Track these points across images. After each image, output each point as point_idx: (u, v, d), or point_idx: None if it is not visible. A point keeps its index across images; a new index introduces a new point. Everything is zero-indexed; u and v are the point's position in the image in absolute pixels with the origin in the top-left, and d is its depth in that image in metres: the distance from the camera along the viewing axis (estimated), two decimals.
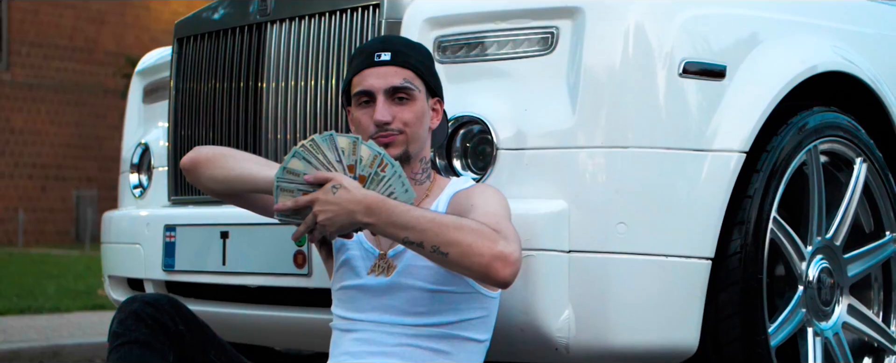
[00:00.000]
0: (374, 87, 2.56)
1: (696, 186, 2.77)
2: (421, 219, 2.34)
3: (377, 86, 2.55)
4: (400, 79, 2.55)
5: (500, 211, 2.47)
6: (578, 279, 2.69)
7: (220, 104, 3.32)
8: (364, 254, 2.59)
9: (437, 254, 2.33)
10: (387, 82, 2.55)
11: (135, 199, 3.82)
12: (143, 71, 3.98)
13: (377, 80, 2.55)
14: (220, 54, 3.33)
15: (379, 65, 2.55)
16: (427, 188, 2.63)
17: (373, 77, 2.55)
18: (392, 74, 2.55)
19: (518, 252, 2.35)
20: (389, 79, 2.55)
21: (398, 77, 2.55)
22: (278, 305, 3.15)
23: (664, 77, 2.76)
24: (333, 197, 2.36)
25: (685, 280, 2.76)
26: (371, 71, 2.56)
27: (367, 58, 2.57)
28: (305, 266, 2.97)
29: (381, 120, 2.53)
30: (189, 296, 3.40)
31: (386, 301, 2.54)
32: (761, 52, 2.94)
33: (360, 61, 2.59)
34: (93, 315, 6.97)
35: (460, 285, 2.52)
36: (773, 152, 2.94)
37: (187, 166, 2.67)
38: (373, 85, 2.56)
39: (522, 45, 2.82)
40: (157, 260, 3.37)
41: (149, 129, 3.88)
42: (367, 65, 2.57)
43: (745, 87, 2.87)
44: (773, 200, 2.92)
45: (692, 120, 2.79)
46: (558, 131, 2.75)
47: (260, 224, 2.94)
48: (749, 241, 2.86)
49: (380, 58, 2.55)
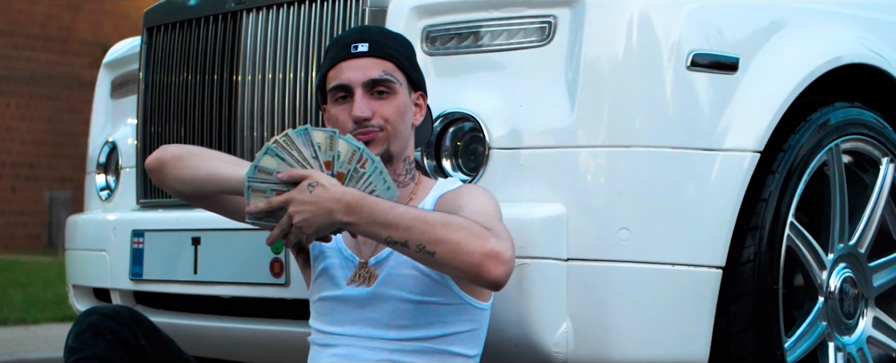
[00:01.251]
0: (351, 80, 2.56)
1: (706, 189, 2.77)
2: (405, 216, 2.34)
3: (354, 79, 2.55)
4: (379, 71, 2.55)
5: (491, 210, 2.48)
6: (577, 289, 2.69)
7: (193, 98, 3.32)
8: (343, 262, 2.59)
9: (424, 253, 2.33)
10: (365, 75, 2.55)
11: (101, 202, 3.83)
12: (111, 63, 3.99)
13: (354, 73, 2.55)
14: (193, 45, 3.34)
15: (356, 57, 2.55)
16: (411, 190, 2.63)
17: (349, 70, 2.55)
18: (370, 67, 2.55)
19: (511, 251, 2.35)
20: (367, 71, 2.55)
21: (377, 69, 2.55)
22: (253, 317, 3.15)
23: (671, 70, 2.76)
24: (310, 196, 2.36)
25: (694, 290, 2.76)
26: (347, 63, 2.56)
27: (343, 49, 2.57)
28: (283, 275, 2.97)
29: (360, 115, 2.53)
30: (159, 308, 3.41)
31: (367, 313, 2.54)
32: (778, 43, 2.94)
33: (335, 54, 2.59)
34: (62, 327, 6.98)
35: (447, 296, 2.52)
36: (790, 152, 2.94)
37: (152, 167, 2.67)
38: (350, 79, 2.56)
39: (517, 35, 2.82)
40: (124, 268, 3.38)
41: (117, 127, 3.89)
42: (343, 57, 2.57)
43: (759, 80, 2.87)
44: (790, 204, 2.91)
45: (702, 117, 2.79)
46: (556, 129, 2.75)
47: (234, 229, 2.95)
48: (763, 249, 2.86)
49: (357, 49, 2.55)
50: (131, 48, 3.87)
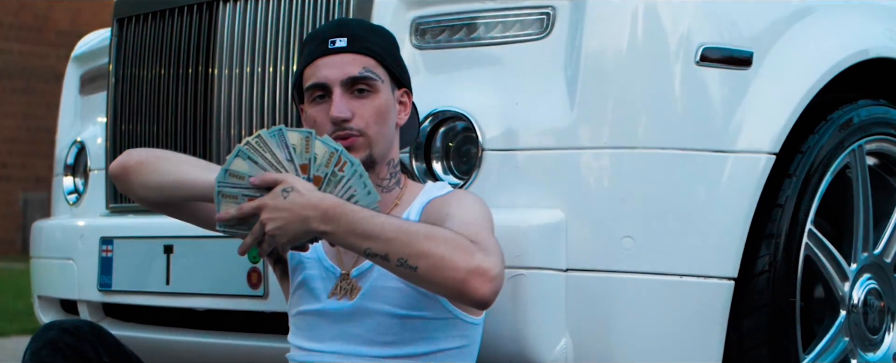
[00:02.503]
0: (328, 78, 2.56)
1: (717, 194, 2.77)
2: (386, 226, 2.34)
3: (332, 77, 2.55)
4: (359, 68, 2.56)
5: (480, 220, 2.48)
6: (577, 302, 2.70)
7: (166, 94, 3.33)
8: (324, 274, 2.59)
9: (405, 267, 2.33)
10: (343, 72, 2.55)
11: (69, 207, 3.84)
12: (80, 56, 4.00)
13: (332, 70, 2.55)
14: (167, 37, 3.34)
15: (333, 52, 2.55)
16: (397, 196, 2.63)
17: (327, 67, 2.55)
18: (349, 63, 2.55)
19: (499, 266, 2.35)
20: (346, 68, 2.55)
21: (357, 66, 2.56)
22: (229, 331, 3.16)
23: (679, 65, 2.76)
24: (284, 202, 2.36)
25: (703, 304, 2.76)
26: (325, 60, 2.56)
27: (320, 45, 2.57)
28: (261, 286, 2.98)
29: (339, 116, 2.53)
30: (129, 321, 3.41)
31: (349, 328, 2.54)
32: (796, 35, 2.94)
33: (311, 49, 2.59)
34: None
35: (435, 310, 2.52)
36: (808, 153, 2.94)
37: (116, 173, 2.67)
38: (327, 76, 2.56)
39: (514, 27, 2.83)
40: (91, 278, 3.39)
41: (86, 125, 3.90)
42: (320, 53, 2.57)
43: (775, 76, 2.87)
44: (808, 210, 2.92)
45: (712, 116, 2.79)
46: (555, 129, 2.75)
47: (209, 237, 2.95)
48: (779, 258, 2.86)
49: (334, 44, 2.56)
50: (102, 40, 3.87)
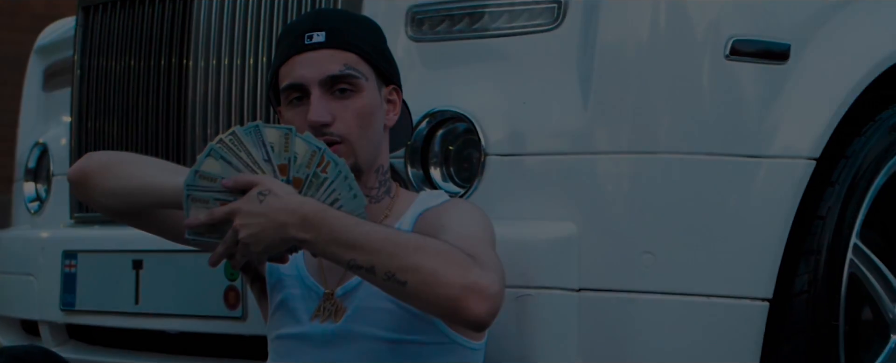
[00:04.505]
0: (305, 78, 2.55)
1: (749, 204, 2.78)
2: (372, 235, 2.34)
3: (309, 76, 2.55)
4: (339, 65, 2.55)
5: (478, 232, 2.48)
6: (591, 326, 2.70)
7: (137, 87, 3.35)
8: (305, 293, 2.60)
9: (393, 282, 2.33)
10: (322, 71, 2.54)
11: (30, 216, 3.86)
12: (43, 47, 4.02)
13: (309, 69, 2.54)
14: (137, 26, 3.36)
15: (311, 49, 2.55)
16: (387, 206, 2.64)
17: (303, 66, 2.55)
18: (328, 60, 2.54)
19: (498, 284, 2.35)
20: (325, 66, 2.54)
21: (336, 63, 2.55)
22: (204, 356, 3.17)
23: (707, 59, 2.76)
24: (259, 206, 2.36)
25: (734, 328, 2.76)
26: (301, 58, 2.56)
27: (296, 40, 2.57)
28: (239, 306, 2.99)
29: (317, 120, 2.52)
30: (94, 344, 3.43)
31: (333, 354, 2.55)
32: (839, 26, 2.94)
33: (286, 46, 2.59)
34: None
35: (430, 333, 2.53)
36: (853, 158, 2.94)
37: (75, 178, 2.66)
38: (304, 76, 2.55)
39: (521, 17, 2.83)
40: (54, 296, 3.40)
41: (50, 125, 3.91)
42: (296, 50, 2.56)
43: (815, 71, 2.87)
44: (853, 222, 2.92)
45: (744, 116, 2.79)
46: (567, 131, 2.76)
47: (182, 251, 2.94)
48: (820, 277, 2.86)
49: (311, 40, 2.55)
50: (67, 30, 3.88)
